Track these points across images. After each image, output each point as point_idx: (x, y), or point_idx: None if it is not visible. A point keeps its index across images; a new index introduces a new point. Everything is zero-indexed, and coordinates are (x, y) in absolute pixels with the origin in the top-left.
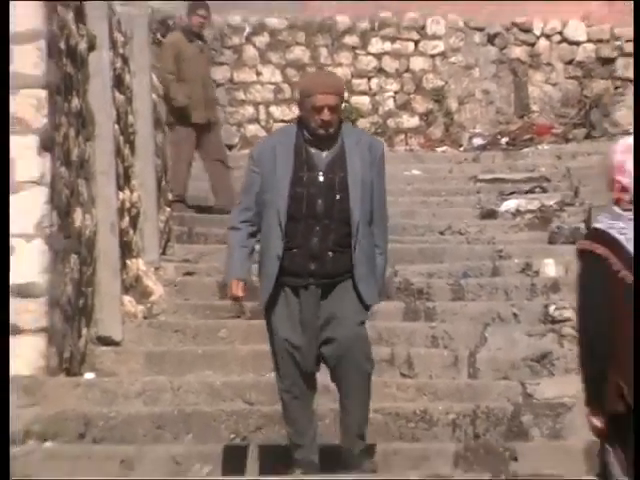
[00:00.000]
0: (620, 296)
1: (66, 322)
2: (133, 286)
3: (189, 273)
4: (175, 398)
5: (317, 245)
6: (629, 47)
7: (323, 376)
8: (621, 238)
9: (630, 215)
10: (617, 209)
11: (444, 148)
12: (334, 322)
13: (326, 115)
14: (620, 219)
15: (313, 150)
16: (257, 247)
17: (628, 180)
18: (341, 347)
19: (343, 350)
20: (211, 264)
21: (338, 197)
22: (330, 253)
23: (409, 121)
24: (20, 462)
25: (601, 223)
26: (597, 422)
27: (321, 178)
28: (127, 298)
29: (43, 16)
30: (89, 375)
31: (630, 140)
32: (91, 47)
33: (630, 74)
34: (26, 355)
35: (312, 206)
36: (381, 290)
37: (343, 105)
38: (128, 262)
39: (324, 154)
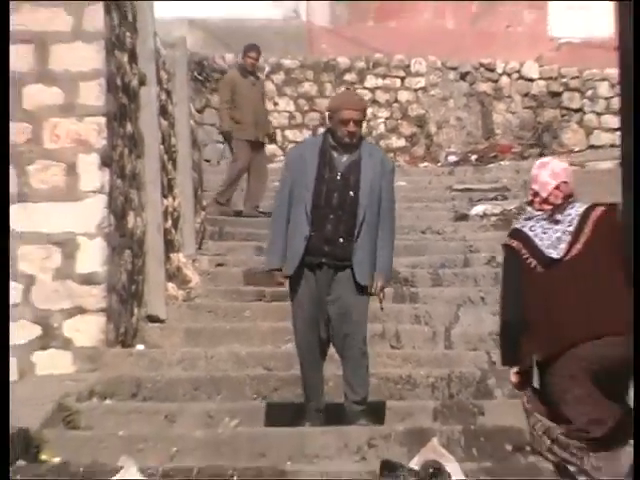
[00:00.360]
0: (529, 278)
1: (121, 304)
2: (175, 275)
3: (220, 264)
4: (208, 365)
5: (330, 231)
6: (573, 83)
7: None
8: (530, 234)
9: (539, 214)
10: (530, 209)
11: (425, 164)
12: (342, 301)
13: (351, 127)
14: (531, 219)
15: (335, 154)
16: None
17: (538, 187)
18: (347, 325)
19: (347, 329)
20: (238, 257)
21: (351, 194)
22: (341, 239)
23: (397, 142)
24: (85, 416)
25: (519, 223)
26: (513, 378)
27: (339, 177)
28: (170, 284)
29: (103, 58)
30: (140, 346)
31: (545, 159)
32: (141, 83)
33: (574, 105)
34: (89, 331)
35: (329, 199)
36: (388, 277)
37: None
38: (171, 255)
39: (344, 158)
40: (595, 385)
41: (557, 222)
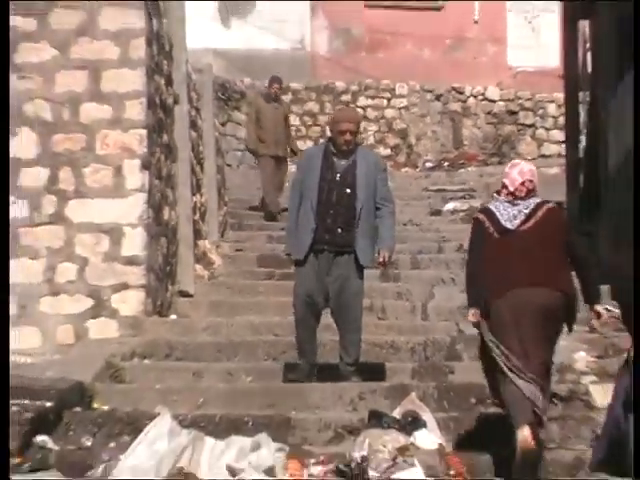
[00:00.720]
0: (488, 242)
1: (158, 281)
2: (201, 258)
3: (238, 250)
4: (228, 332)
5: (330, 223)
6: (527, 104)
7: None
8: (494, 210)
9: (503, 199)
10: (497, 197)
11: (406, 169)
12: (343, 280)
13: (347, 137)
14: (496, 202)
15: (335, 159)
16: None
17: (508, 182)
18: (345, 300)
19: (345, 303)
20: (253, 244)
21: (348, 191)
22: (339, 230)
23: (383, 151)
24: (128, 372)
25: (487, 204)
26: (473, 317)
27: (338, 178)
28: (197, 266)
29: (144, 81)
30: (172, 316)
31: (516, 161)
32: (175, 102)
33: (527, 121)
34: (132, 303)
35: (329, 196)
36: (392, 250)
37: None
38: (198, 242)
39: (342, 162)
40: (526, 323)
41: (517, 205)
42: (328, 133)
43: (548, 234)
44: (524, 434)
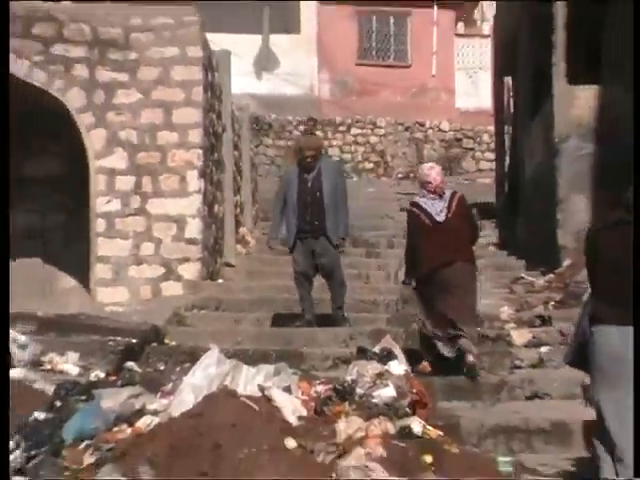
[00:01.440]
0: (422, 229)
1: (210, 256)
2: (240, 240)
3: (265, 234)
4: (259, 291)
5: (308, 218)
6: (469, 133)
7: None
8: (423, 204)
9: (428, 194)
10: (424, 192)
11: (384, 178)
12: (322, 252)
13: (309, 159)
14: (424, 197)
15: (305, 174)
16: None
17: (431, 180)
18: (329, 267)
19: (329, 269)
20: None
21: (317, 194)
22: (315, 222)
23: (367, 165)
24: (189, 319)
25: (416, 200)
26: (413, 283)
27: (309, 185)
28: (238, 245)
29: (202, 116)
30: (220, 280)
31: (432, 164)
32: (223, 130)
33: (469, 146)
34: (192, 271)
35: (305, 199)
36: (345, 235)
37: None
38: (239, 229)
39: (310, 175)
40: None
41: (440, 199)
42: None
43: (462, 218)
44: (423, 364)
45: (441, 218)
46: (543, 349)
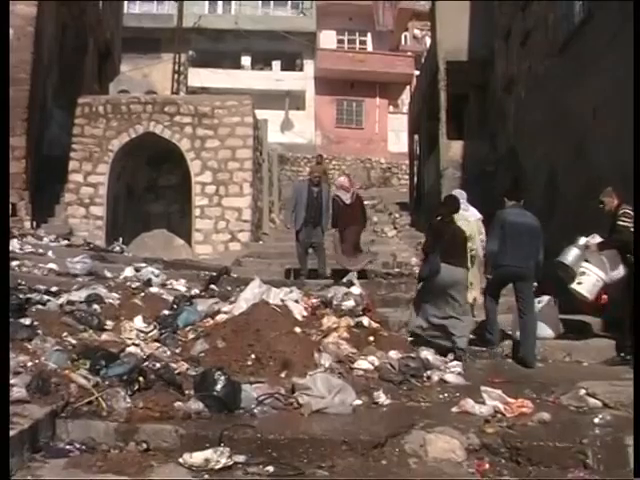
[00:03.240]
0: (340, 205)
1: (255, 229)
2: (271, 220)
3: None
4: (282, 249)
5: (311, 216)
6: (395, 165)
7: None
8: (341, 195)
9: (345, 192)
10: (342, 189)
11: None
12: (316, 236)
13: (315, 179)
14: (340, 192)
15: (312, 188)
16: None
17: (348, 185)
18: (318, 245)
19: (319, 246)
20: None
21: (318, 201)
22: (316, 218)
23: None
24: (243, 263)
25: (337, 193)
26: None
27: (315, 195)
28: (270, 223)
29: (252, 154)
30: (260, 242)
31: (344, 177)
32: (263, 161)
33: (394, 172)
34: (245, 237)
35: (311, 203)
36: (328, 225)
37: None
38: (271, 215)
39: (315, 188)
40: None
41: (348, 193)
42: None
43: (358, 204)
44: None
45: (348, 202)
46: None
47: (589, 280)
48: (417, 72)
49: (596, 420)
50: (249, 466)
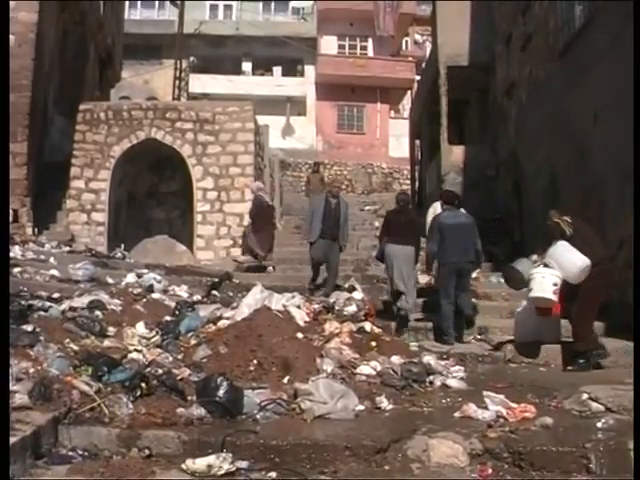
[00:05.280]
0: (264, 206)
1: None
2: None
3: (287, 223)
4: (283, 254)
5: (328, 228)
6: (396, 170)
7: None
8: (263, 194)
9: (263, 193)
10: (261, 191)
11: (350, 194)
12: (332, 252)
13: (335, 191)
14: (259, 192)
15: (331, 199)
16: None
17: (255, 188)
18: (333, 260)
19: (333, 262)
20: (294, 221)
21: (336, 214)
22: (333, 230)
23: (342, 187)
24: (245, 268)
25: (260, 194)
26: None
27: (332, 207)
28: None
29: (253, 160)
30: None
31: (259, 183)
32: (264, 167)
33: (396, 177)
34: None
35: (329, 215)
36: (345, 243)
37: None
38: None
39: (333, 200)
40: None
41: (268, 195)
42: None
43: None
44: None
45: (271, 203)
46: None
47: (546, 281)
48: (418, 77)
49: (599, 424)
50: (252, 472)
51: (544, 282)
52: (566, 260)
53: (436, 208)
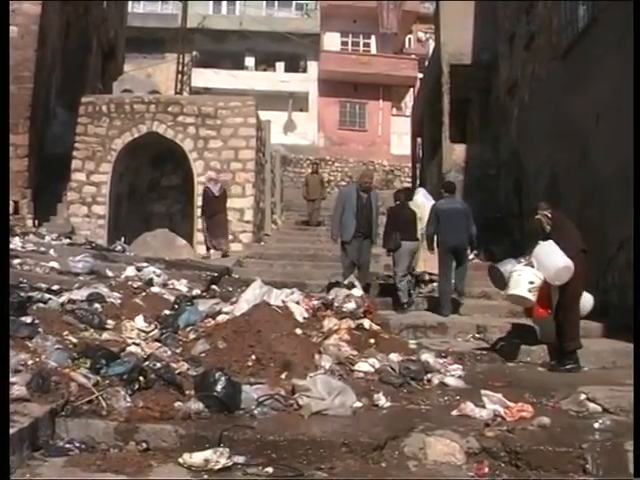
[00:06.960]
0: (210, 196)
1: (257, 229)
2: (274, 221)
3: (288, 219)
4: (283, 250)
5: (361, 226)
6: (397, 168)
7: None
8: (211, 186)
9: (212, 184)
10: (212, 183)
11: None
12: (365, 252)
13: (367, 185)
14: (210, 183)
15: (362, 194)
16: None
17: (212, 177)
18: (365, 259)
19: (365, 261)
20: (294, 218)
21: (368, 210)
22: (366, 228)
23: (342, 183)
24: (244, 263)
25: (208, 185)
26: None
27: (364, 201)
28: (272, 224)
29: (254, 155)
30: (262, 243)
31: (211, 172)
32: (266, 162)
33: (397, 174)
34: (247, 237)
35: (362, 211)
36: (375, 239)
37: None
38: (273, 216)
39: (365, 195)
40: None
41: (216, 184)
42: (358, 181)
43: (224, 195)
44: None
45: (217, 194)
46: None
47: (522, 279)
48: (421, 75)
49: (596, 425)
50: (248, 467)
51: (520, 280)
52: (548, 260)
53: (417, 200)
